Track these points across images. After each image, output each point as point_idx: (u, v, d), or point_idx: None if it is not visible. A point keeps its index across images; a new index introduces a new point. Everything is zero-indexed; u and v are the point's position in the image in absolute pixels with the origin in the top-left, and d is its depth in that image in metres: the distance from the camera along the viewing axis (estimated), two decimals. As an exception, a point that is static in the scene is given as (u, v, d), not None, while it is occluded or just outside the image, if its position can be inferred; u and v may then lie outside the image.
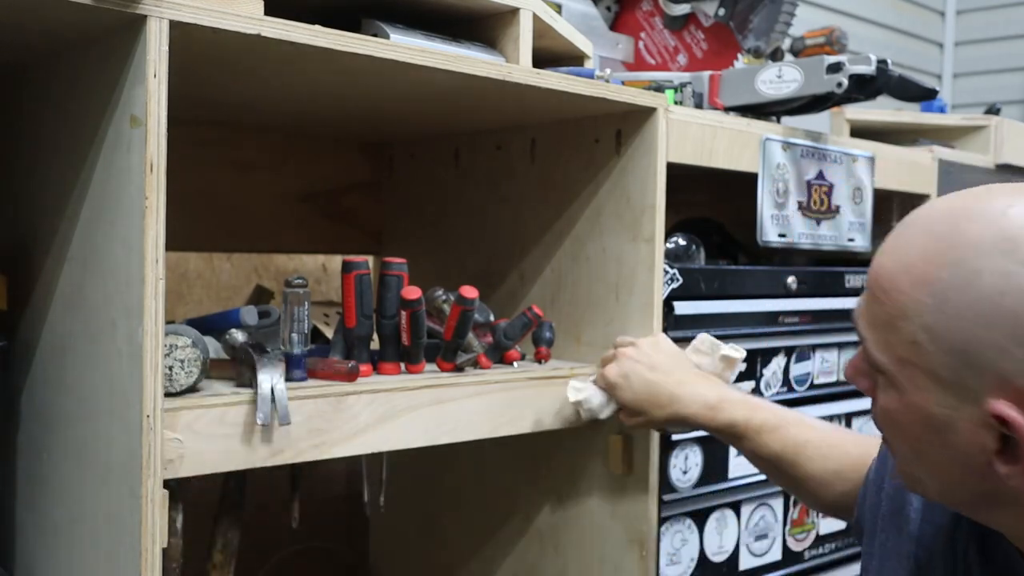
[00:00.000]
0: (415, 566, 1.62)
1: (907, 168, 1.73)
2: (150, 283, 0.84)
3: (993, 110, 2.17)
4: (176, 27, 0.84)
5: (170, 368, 0.95)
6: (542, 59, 1.26)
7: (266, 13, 0.90)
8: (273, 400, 0.97)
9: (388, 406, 1.10)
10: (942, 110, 2.24)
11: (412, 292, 1.14)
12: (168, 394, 0.93)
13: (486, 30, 1.21)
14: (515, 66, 1.14)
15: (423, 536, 1.13)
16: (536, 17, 1.21)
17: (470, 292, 1.17)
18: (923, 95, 1.57)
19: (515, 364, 1.29)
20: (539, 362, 1.31)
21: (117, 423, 0.89)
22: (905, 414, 0.74)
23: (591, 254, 1.35)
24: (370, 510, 1.26)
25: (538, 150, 1.44)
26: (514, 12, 1.19)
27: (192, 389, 0.97)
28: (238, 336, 1.03)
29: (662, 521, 1.33)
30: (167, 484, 0.90)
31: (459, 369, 1.20)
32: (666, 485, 1.34)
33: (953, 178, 1.83)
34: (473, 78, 1.07)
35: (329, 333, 1.39)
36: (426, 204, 1.65)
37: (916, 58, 3.85)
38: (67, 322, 0.98)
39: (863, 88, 1.43)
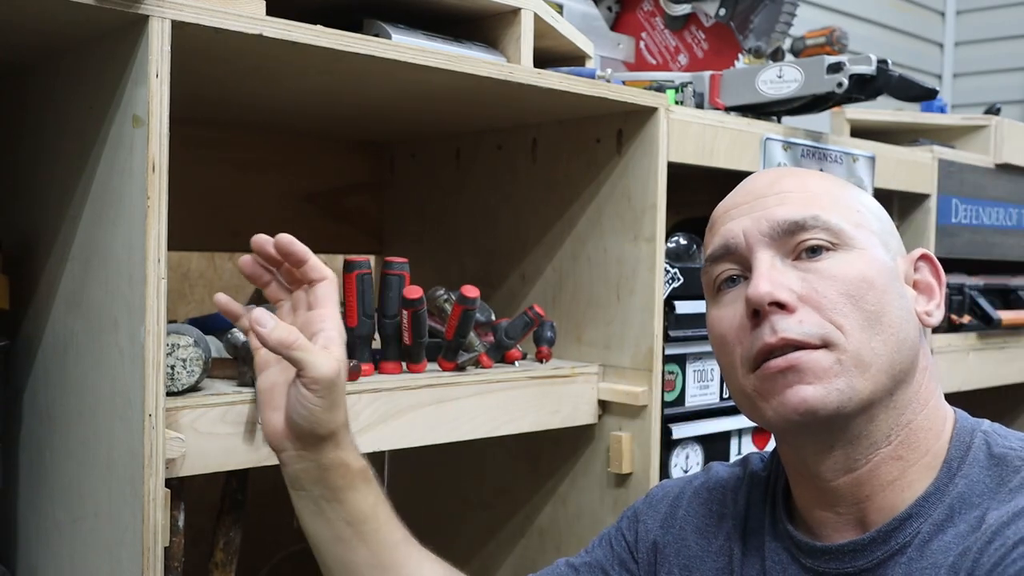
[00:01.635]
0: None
1: (907, 168, 1.73)
2: (152, 283, 0.84)
3: (993, 110, 2.17)
4: (178, 27, 0.84)
5: (172, 367, 0.95)
6: (543, 59, 1.26)
7: (268, 13, 0.90)
8: None
9: (390, 405, 1.10)
10: (942, 110, 2.24)
11: (413, 291, 1.14)
12: (170, 393, 0.94)
13: (487, 30, 1.21)
14: (516, 66, 1.14)
15: (423, 535, 1.13)
16: (537, 17, 1.21)
17: (471, 291, 1.17)
18: (923, 95, 1.57)
19: (516, 363, 1.29)
20: (540, 361, 1.31)
21: (119, 422, 0.89)
22: (874, 268, 0.83)
23: (592, 254, 1.36)
24: None
25: (539, 150, 1.44)
26: (515, 12, 1.19)
27: (194, 388, 0.98)
28: (240, 336, 1.03)
29: (663, 520, 1.34)
30: (169, 483, 0.90)
31: (460, 368, 1.20)
32: (667, 484, 1.34)
33: (953, 178, 1.83)
34: (474, 78, 1.08)
35: None
36: (427, 204, 1.65)
37: (916, 58, 3.85)
38: (69, 321, 0.98)
39: (863, 88, 1.43)
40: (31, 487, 1.06)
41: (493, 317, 1.33)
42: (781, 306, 0.81)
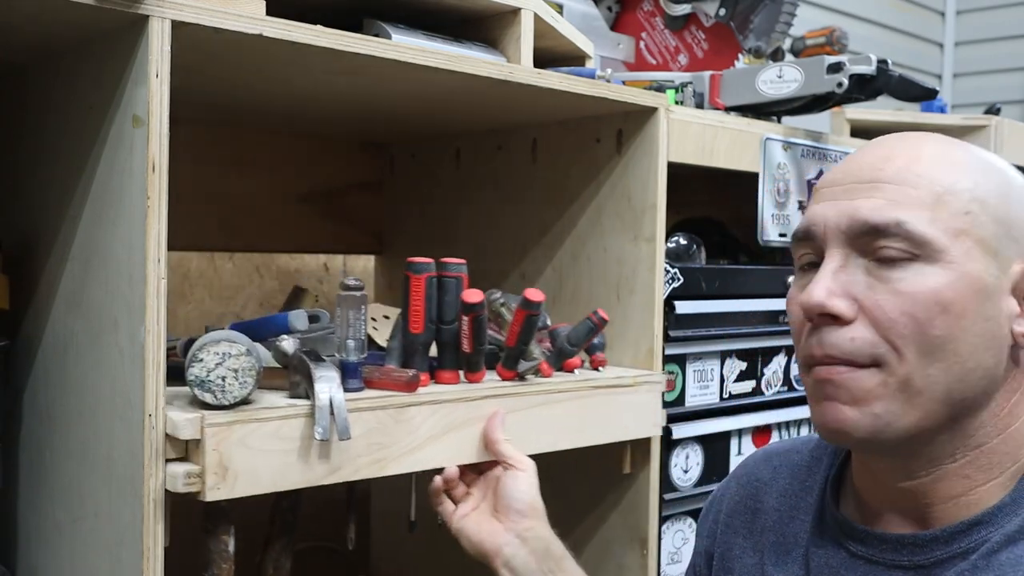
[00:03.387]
0: (415, 565, 1.62)
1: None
2: (152, 283, 0.84)
3: (993, 110, 2.17)
4: (178, 27, 0.84)
5: (223, 378, 0.88)
6: (543, 59, 1.26)
7: (268, 13, 0.90)
8: (332, 412, 0.91)
9: (450, 418, 1.03)
10: (942, 110, 2.24)
11: (474, 295, 1.05)
12: (220, 407, 0.88)
13: (487, 30, 1.21)
14: (516, 66, 1.14)
15: (424, 535, 1.13)
16: (537, 17, 1.21)
17: (536, 295, 1.08)
18: (923, 95, 1.57)
19: (576, 372, 1.22)
20: (595, 369, 1.25)
21: (119, 422, 0.89)
22: (958, 288, 0.75)
23: (592, 254, 1.35)
24: (415, 528, 1.18)
25: (539, 150, 1.44)
26: (515, 12, 1.19)
27: (244, 401, 0.90)
28: (289, 343, 0.96)
29: (663, 520, 1.34)
30: (217, 506, 0.86)
31: (521, 378, 1.13)
32: (667, 484, 1.34)
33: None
34: (474, 78, 1.08)
35: (378, 339, 1.26)
36: (427, 204, 1.65)
37: (916, 58, 3.85)
38: (69, 321, 0.98)
39: (863, 88, 1.43)
40: (31, 487, 1.06)
41: (549, 322, 1.26)
42: (834, 317, 0.76)
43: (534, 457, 1.08)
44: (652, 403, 1.25)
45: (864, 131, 1.91)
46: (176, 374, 0.99)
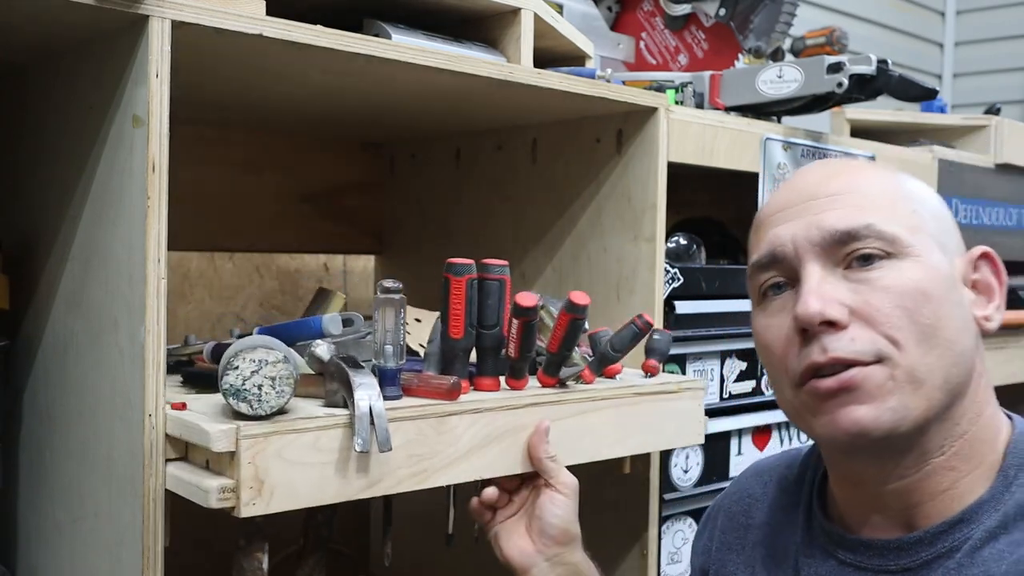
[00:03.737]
0: (415, 566, 1.62)
1: (907, 168, 1.73)
2: (152, 283, 0.84)
3: (993, 110, 2.17)
4: (178, 27, 0.84)
5: (259, 387, 0.84)
6: (543, 59, 1.26)
7: (268, 13, 0.90)
8: (372, 422, 0.87)
9: (491, 427, 0.99)
10: (942, 110, 2.24)
11: (528, 298, 1.00)
12: (256, 417, 0.84)
13: (487, 30, 1.21)
14: (516, 66, 1.14)
15: (424, 535, 1.13)
16: (537, 17, 1.21)
17: (581, 299, 1.03)
18: (923, 95, 1.57)
19: (617, 378, 1.18)
20: (647, 375, 1.20)
21: (119, 422, 0.89)
22: (931, 278, 0.78)
23: (592, 253, 1.35)
24: (451, 541, 1.15)
25: (539, 150, 1.44)
26: (515, 12, 1.19)
27: (280, 411, 0.86)
28: (324, 348, 0.92)
29: (663, 520, 1.34)
30: (253, 520, 0.82)
31: (563, 384, 1.09)
32: (667, 484, 1.34)
33: (953, 178, 1.83)
34: (474, 78, 1.08)
35: (413, 344, 1.20)
36: (427, 204, 1.65)
37: (916, 58, 3.85)
38: (69, 321, 0.98)
39: (863, 88, 1.43)
40: (31, 487, 1.06)
41: (587, 326, 1.20)
42: (831, 324, 0.77)
43: (574, 468, 1.06)
44: (695, 410, 1.21)
45: (864, 131, 1.91)
46: (202, 380, 0.98)
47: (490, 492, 1.04)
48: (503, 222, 1.49)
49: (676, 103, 1.41)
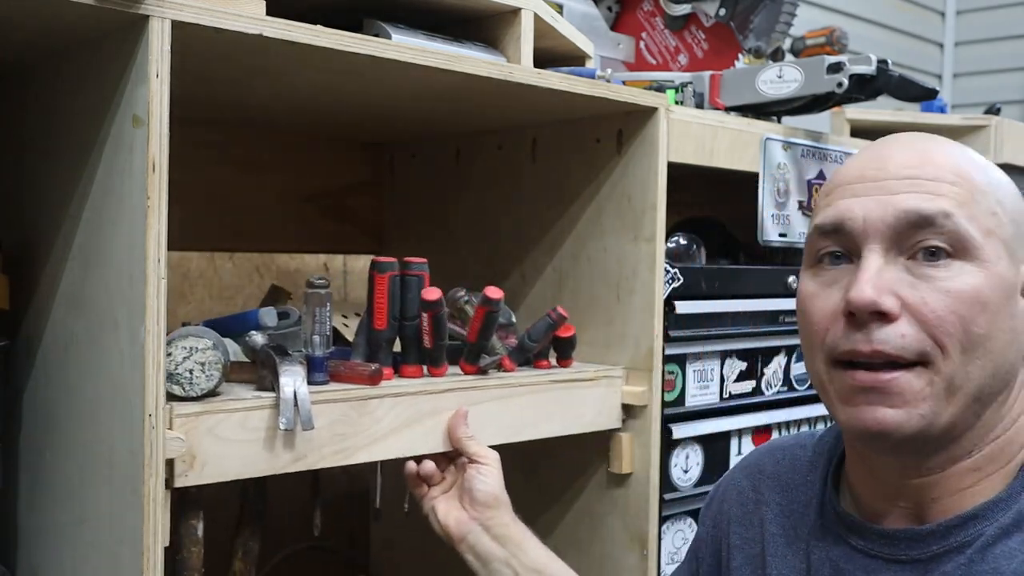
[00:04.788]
0: (415, 566, 1.62)
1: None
2: (152, 283, 0.84)
3: (993, 110, 2.17)
4: (178, 27, 0.84)
5: (190, 371, 0.93)
6: (543, 59, 1.26)
7: (268, 13, 0.90)
8: (296, 404, 0.95)
9: (412, 410, 1.08)
10: (942, 110, 2.24)
11: (432, 293, 1.11)
12: (187, 398, 0.93)
13: (487, 30, 1.21)
14: (516, 66, 1.14)
15: (423, 535, 1.13)
16: (537, 17, 1.21)
17: (495, 293, 1.14)
18: (923, 95, 1.57)
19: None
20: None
21: (119, 423, 0.89)
22: (992, 287, 0.76)
23: (592, 253, 1.36)
24: (379, 516, 1.24)
25: (539, 150, 1.44)
26: (515, 12, 1.19)
27: (212, 393, 0.95)
28: (258, 338, 1.00)
29: (663, 520, 1.34)
30: (187, 491, 0.89)
31: (482, 372, 1.18)
32: (667, 484, 1.34)
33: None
34: (474, 78, 1.08)
35: (348, 335, 1.34)
36: (427, 204, 1.65)
37: (916, 58, 3.85)
38: (69, 322, 0.98)
39: (863, 88, 1.43)
40: (31, 487, 1.06)
41: (513, 319, 1.31)
42: (882, 314, 0.76)
43: (499, 447, 1.14)
44: (611, 397, 1.29)
45: (864, 131, 1.91)
46: None
47: (428, 465, 1.12)
48: (503, 222, 1.49)
49: (676, 103, 1.41)
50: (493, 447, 1.14)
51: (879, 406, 0.76)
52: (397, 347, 1.15)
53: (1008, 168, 1.98)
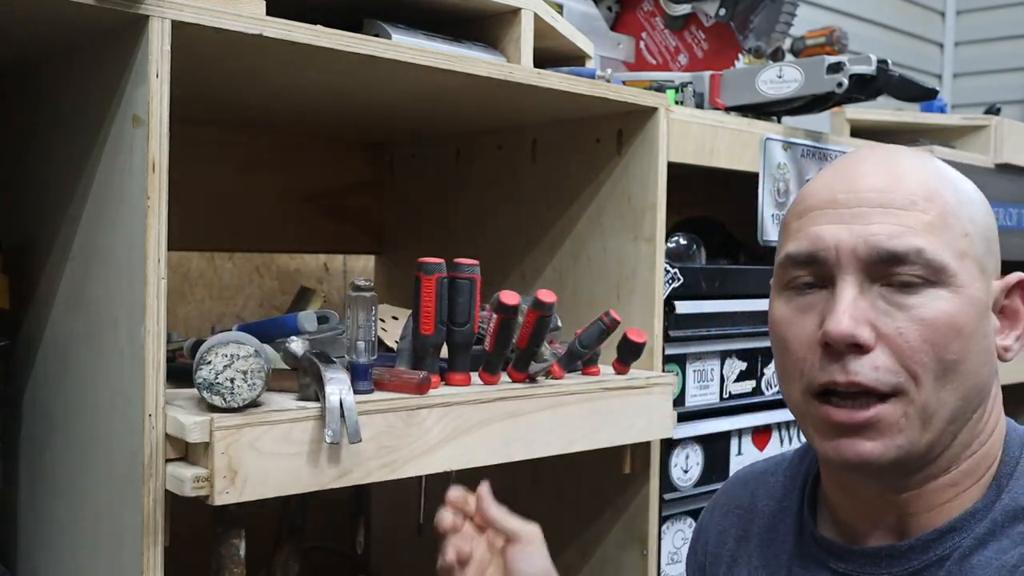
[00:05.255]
0: (415, 566, 1.62)
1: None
2: (152, 282, 0.84)
3: (993, 110, 2.17)
4: (178, 27, 0.84)
5: (231, 380, 0.87)
6: (543, 59, 1.26)
7: (268, 13, 0.90)
8: (343, 415, 0.89)
9: (461, 420, 1.02)
10: (942, 110, 2.24)
11: (511, 297, 1.04)
12: (228, 409, 0.87)
13: (488, 30, 1.21)
14: (516, 66, 1.14)
15: (423, 535, 1.13)
16: (537, 17, 1.21)
17: (547, 296, 1.07)
18: (923, 95, 1.58)
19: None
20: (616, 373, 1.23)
21: (119, 422, 0.89)
22: (966, 312, 0.76)
23: (592, 253, 1.36)
24: (423, 531, 1.15)
25: (539, 150, 1.44)
26: (515, 12, 1.19)
27: (253, 404, 0.89)
28: (297, 344, 0.94)
29: (663, 520, 1.34)
30: (228, 510, 0.85)
31: (532, 380, 1.12)
32: (667, 484, 1.34)
33: (953, 178, 1.83)
34: (474, 78, 1.08)
35: (387, 340, 1.24)
36: (427, 204, 1.65)
37: (916, 58, 3.85)
38: (69, 321, 0.98)
39: (863, 88, 1.43)
40: (31, 487, 1.06)
41: (560, 323, 1.25)
42: (858, 345, 0.75)
43: (547, 460, 1.08)
44: (663, 404, 1.23)
45: (864, 131, 1.92)
46: (182, 375, 0.98)
47: (465, 548, 0.96)
48: (503, 222, 1.49)
49: (676, 103, 1.41)
50: (544, 459, 1.08)
51: (857, 438, 0.76)
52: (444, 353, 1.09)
53: (1008, 168, 1.99)
